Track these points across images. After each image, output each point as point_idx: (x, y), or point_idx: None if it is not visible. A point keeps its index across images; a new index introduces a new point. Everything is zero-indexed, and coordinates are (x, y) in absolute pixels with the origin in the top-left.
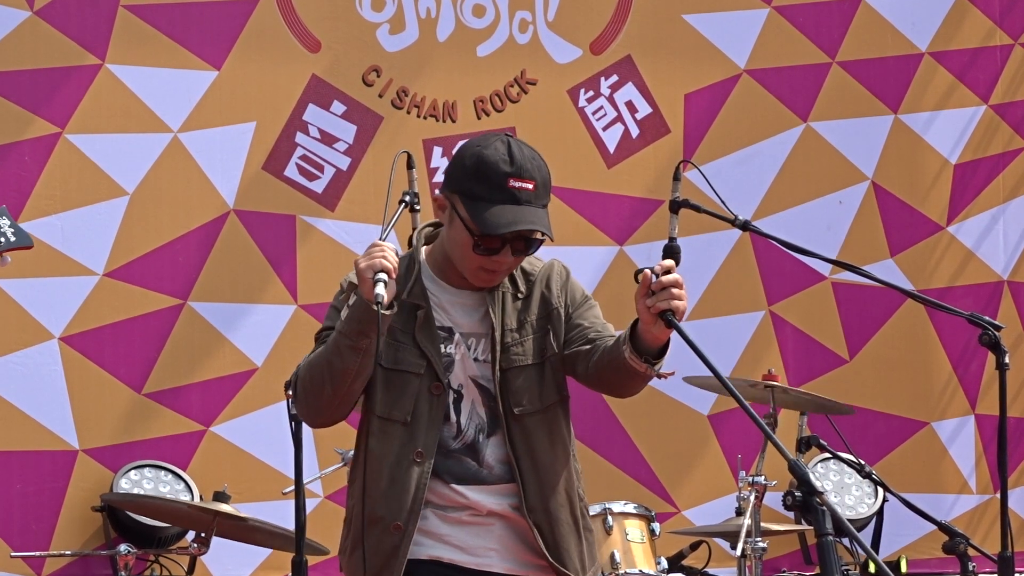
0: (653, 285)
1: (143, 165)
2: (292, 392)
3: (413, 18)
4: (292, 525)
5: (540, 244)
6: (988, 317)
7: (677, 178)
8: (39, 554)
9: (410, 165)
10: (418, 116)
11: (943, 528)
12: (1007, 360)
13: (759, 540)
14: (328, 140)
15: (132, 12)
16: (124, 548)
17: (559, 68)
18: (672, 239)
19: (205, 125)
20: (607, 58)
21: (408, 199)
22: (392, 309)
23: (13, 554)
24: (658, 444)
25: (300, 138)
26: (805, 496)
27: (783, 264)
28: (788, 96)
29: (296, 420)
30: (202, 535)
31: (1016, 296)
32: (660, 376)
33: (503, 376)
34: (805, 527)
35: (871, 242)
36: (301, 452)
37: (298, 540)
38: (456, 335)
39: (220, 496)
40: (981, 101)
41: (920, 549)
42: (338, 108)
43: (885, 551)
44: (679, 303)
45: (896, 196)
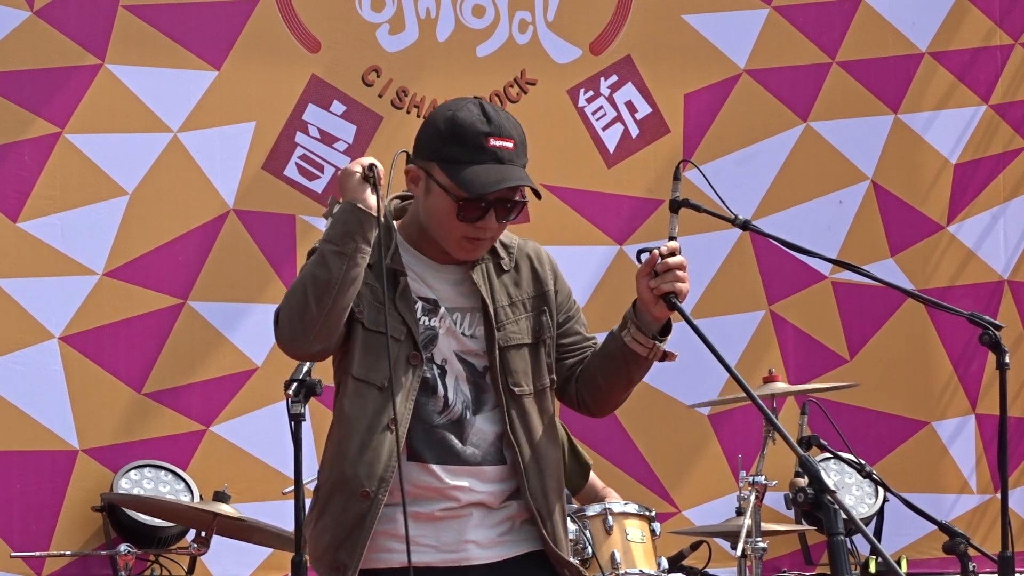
0: (658, 266)
1: (143, 165)
2: (275, 319)
3: (413, 18)
4: (292, 525)
5: (522, 208)
6: (988, 317)
7: (677, 178)
8: (39, 554)
9: None
10: (418, 116)
11: (943, 528)
12: (1007, 360)
13: (759, 540)
14: (328, 140)
15: (132, 12)
16: (124, 548)
17: (559, 68)
18: (672, 239)
19: (205, 125)
20: (607, 58)
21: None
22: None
23: (13, 554)
24: (658, 444)
25: (300, 138)
26: (817, 493)
27: (783, 264)
28: (788, 96)
29: (296, 420)
30: (202, 535)
31: (1016, 296)
32: (666, 357)
33: (501, 354)
34: (805, 527)
35: (871, 242)
36: (301, 452)
37: (298, 540)
38: (441, 308)
39: (220, 496)
40: (981, 101)
41: (920, 549)
42: (338, 108)
43: (885, 551)
44: (683, 285)
45: (896, 196)
